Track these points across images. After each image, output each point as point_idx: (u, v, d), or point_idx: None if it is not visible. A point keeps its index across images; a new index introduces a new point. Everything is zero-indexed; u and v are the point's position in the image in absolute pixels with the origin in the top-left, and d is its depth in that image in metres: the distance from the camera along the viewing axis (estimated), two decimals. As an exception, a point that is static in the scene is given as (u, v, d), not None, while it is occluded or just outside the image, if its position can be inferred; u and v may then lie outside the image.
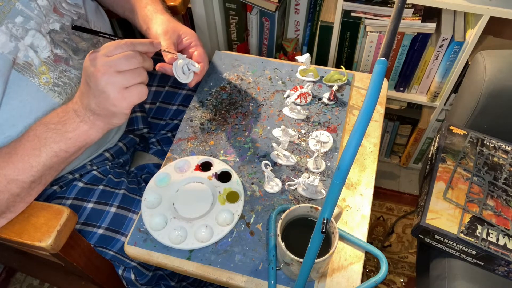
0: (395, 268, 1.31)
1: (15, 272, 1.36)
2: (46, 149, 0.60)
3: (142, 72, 0.58)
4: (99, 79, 0.55)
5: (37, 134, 0.60)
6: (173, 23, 0.74)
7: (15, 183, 0.60)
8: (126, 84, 0.56)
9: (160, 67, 0.69)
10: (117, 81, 0.56)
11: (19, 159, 0.60)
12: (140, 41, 0.59)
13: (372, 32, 1.10)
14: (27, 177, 0.60)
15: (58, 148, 0.60)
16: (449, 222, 0.73)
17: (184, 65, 0.69)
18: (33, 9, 0.65)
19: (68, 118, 0.60)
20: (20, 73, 0.63)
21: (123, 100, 0.57)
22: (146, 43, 0.59)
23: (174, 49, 0.71)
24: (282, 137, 0.74)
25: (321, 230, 0.41)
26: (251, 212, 0.68)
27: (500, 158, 0.85)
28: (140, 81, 0.58)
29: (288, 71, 0.89)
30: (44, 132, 0.60)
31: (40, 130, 0.60)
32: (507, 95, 0.84)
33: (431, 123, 1.29)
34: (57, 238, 0.60)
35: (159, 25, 0.73)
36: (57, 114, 0.61)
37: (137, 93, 0.58)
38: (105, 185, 0.77)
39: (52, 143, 0.60)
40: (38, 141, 0.60)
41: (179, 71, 0.68)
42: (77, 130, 0.60)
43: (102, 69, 0.55)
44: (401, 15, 0.40)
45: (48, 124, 0.60)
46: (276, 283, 0.61)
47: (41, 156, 0.60)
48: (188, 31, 0.74)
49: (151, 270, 0.79)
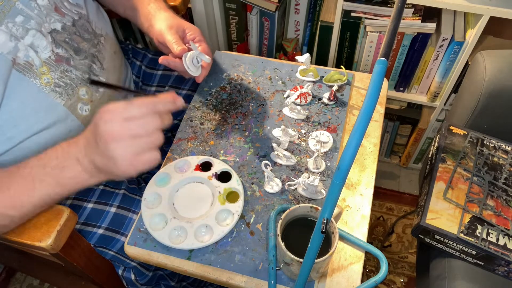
0: (395, 268, 1.31)
1: (15, 272, 1.36)
2: (40, 191, 0.57)
3: (158, 136, 0.54)
4: (110, 144, 0.51)
5: (33, 174, 0.57)
6: (177, 19, 0.75)
7: (4, 217, 0.58)
8: (139, 151, 0.52)
9: (164, 59, 0.69)
10: (129, 149, 0.52)
11: (11, 195, 0.57)
12: (162, 101, 0.55)
13: (372, 32, 1.10)
14: (17, 212, 0.58)
15: (53, 192, 0.58)
16: (449, 222, 0.73)
17: (194, 57, 0.68)
18: (33, 9, 0.65)
19: (69, 165, 0.56)
20: (21, 74, 0.63)
21: (131, 167, 0.53)
22: (168, 102, 0.55)
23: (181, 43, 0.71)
24: (282, 137, 0.74)
25: (321, 230, 0.41)
26: (251, 212, 0.68)
27: (500, 158, 0.85)
28: (154, 146, 0.54)
29: (288, 71, 0.89)
30: (41, 174, 0.57)
31: (36, 170, 0.57)
32: (507, 95, 0.84)
33: (431, 123, 1.29)
34: (57, 238, 0.60)
35: (163, 21, 0.74)
36: (56, 157, 0.57)
37: (148, 161, 0.53)
38: (105, 185, 0.77)
39: (48, 186, 0.57)
40: (32, 183, 0.57)
41: (189, 62, 0.67)
42: (77, 178, 0.57)
43: (116, 136, 0.51)
44: (401, 15, 0.40)
45: (46, 167, 0.57)
46: (276, 283, 0.61)
47: (34, 197, 0.57)
48: (192, 27, 0.75)
49: (151, 270, 0.79)
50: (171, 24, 0.72)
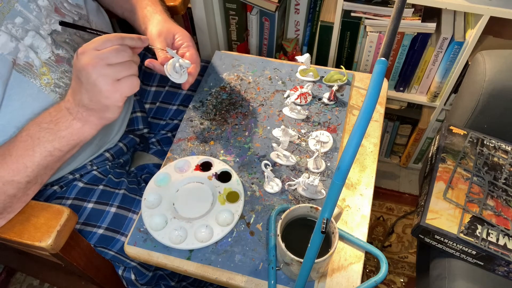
0: (395, 268, 1.31)
1: (15, 272, 1.36)
2: (40, 148, 0.60)
3: (132, 65, 0.58)
4: (90, 72, 0.55)
5: (30, 134, 0.60)
6: (168, 24, 0.74)
7: (10, 185, 0.60)
8: (118, 76, 0.57)
9: (150, 62, 0.69)
10: (109, 74, 0.56)
11: (13, 160, 0.59)
12: (129, 36, 0.59)
13: (372, 32, 1.10)
14: (22, 177, 0.60)
15: (52, 147, 0.60)
16: (449, 222, 0.73)
17: (176, 63, 0.68)
18: (32, 11, 0.65)
19: (61, 117, 0.60)
20: (21, 74, 0.63)
21: (116, 92, 0.57)
22: (135, 38, 0.60)
23: None
24: (282, 137, 0.74)
25: (321, 230, 0.41)
26: (251, 212, 0.68)
27: (500, 158, 0.85)
28: (131, 73, 0.58)
29: (288, 71, 0.89)
30: (37, 132, 0.60)
31: (33, 130, 0.60)
32: (507, 95, 0.84)
33: (431, 123, 1.29)
34: (57, 238, 0.60)
35: (154, 26, 0.73)
36: (49, 114, 0.61)
37: (129, 84, 0.58)
38: (105, 185, 0.77)
39: (46, 143, 0.60)
40: (31, 141, 0.60)
41: (170, 69, 0.67)
42: (70, 128, 0.60)
43: (92, 62, 0.55)
44: (401, 15, 0.40)
45: (41, 124, 0.60)
46: (276, 283, 0.61)
47: (35, 156, 0.60)
48: (181, 32, 0.74)
49: (151, 270, 0.79)
50: (160, 31, 0.72)
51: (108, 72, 0.56)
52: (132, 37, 0.60)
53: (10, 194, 0.60)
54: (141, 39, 0.61)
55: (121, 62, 0.57)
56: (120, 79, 0.57)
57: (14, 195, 0.61)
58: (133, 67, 0.59)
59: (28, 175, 0.61)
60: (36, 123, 0.61)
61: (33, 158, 0.60)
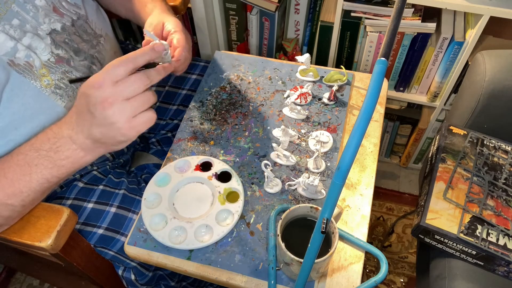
0: (395, 268, 1.31)
1: (15, 272, 1.36)
2: (37, 175, 0.57)
3: (150, 96, 0.55)
4: (108, 110, 0.52)
5: (27, 160, 0.57)
6: (161, 15, 0.73)
7: (4, 207, 0.58)
8: (135, 112, 0.54)
9: None
10: (126, 110, 0.53)
11: (9, 184, 0.57)
12: (140, 52, 0.55)
13: (372, 32, 1.10)
14: (17, 201, 0.58)
15: (50, 175, 0.58)
16: (449, 222, 0.73)
17: None
18: (28, 11, 0.65)
19: (61, 145, 0.57)
20: (21, 75, 0.62)
21: (132, 129, 0.54)
22: (146, 51, 0.55)
23: None
24: (282, 137, 0.74)
25: (321, 230, 0.41)
26: (251, 212, 0.68)
27: (500, 158, 0.85)
28: (148, 106, 0.55)
29: (288, 71, 0.89)
30: (35, 158, 0.57)
31: (30, 156, 0.57)
32: (507, 95, 0.84)
33: (431, 123, 1.29)
34: (57, 238, 0.60)
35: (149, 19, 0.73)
36: (48, 140, 0.57)
37: (145, 120, 0.55)
38: (105, 185, 0.77)
39: (44, 170, 0.57)
40: (28, 168, 0.57)
41: None
42: (72, 158, 0.57)
43: (110, 100, 0.51)
44: (401, 15, 0.40)
45: (39, 150, 0.57)
46: (276, 283, 0.61)
47: (32, 182, 0.57)
48: (171, 20, 0.72)
49: (151, 270, 0.79)
50: (151, 21, 0.72)
51: (126, 108, 0.52)
52: (143, 53, 0.55)
53: (4, 216, 0.59)
54: (154, 49, 0.57)
55: (139, 94, 0.53)
56: (136, 115, 0.54)
57: (9, 216, 0.60)
58: (151, 99, 0.55)
59: (23, 199, 0.59)
60: (34, 148, 0.57)
61: (30, 184, 0.57)
